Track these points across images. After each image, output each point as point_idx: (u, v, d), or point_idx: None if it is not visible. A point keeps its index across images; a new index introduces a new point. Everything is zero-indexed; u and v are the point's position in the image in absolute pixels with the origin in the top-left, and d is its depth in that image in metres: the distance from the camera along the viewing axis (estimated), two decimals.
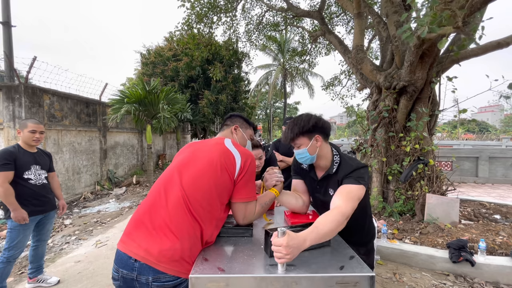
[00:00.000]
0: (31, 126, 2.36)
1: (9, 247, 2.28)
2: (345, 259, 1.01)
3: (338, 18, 8.36)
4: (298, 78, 23.15)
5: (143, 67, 12.56)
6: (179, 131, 12.82)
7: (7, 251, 2.28)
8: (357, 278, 0.88)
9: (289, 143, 1.38)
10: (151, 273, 1.00)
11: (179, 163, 1.20)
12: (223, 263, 0.97)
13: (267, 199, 1.33)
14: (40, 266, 2.64)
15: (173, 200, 1.08)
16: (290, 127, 1.34)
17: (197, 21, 6.74)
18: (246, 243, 1.17)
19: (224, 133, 1.45)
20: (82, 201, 6.39)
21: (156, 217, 1.06)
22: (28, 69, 5.50)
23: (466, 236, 3.10)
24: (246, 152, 1.24)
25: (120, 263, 1.06)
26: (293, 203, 1.50)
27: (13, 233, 2.29)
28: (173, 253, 1.01)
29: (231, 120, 1.49)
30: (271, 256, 1.00)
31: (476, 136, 30.58)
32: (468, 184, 7.87)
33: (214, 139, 1.30)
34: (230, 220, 1.32)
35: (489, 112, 62.23)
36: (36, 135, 2.38)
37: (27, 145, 2.39)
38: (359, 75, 5.01)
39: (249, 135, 1.51)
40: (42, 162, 2.49)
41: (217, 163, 1.14)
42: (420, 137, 3.87)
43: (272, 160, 2.44)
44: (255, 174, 1.25)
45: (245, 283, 0.89)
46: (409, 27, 2.44)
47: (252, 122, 1.57)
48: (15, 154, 2.28)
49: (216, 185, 1.11)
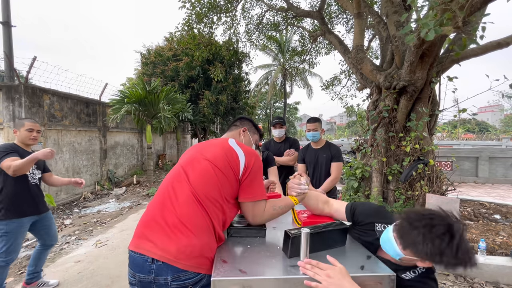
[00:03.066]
0: (28, 124, 2.33)
1: (6, 250, 2.19)
2: (363, 258, 1.01)
3: (338, 18, 8.36)
4: (298, 78, 23.15)
5: (143, 67, 12.55)
6: (179, 131, 12.82)
7: (4, 255, 2.19)
8: (379, 277, 0.89)
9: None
10: (169, 272, 0.98)
11: (185, 162, 1.20)
12: (243, 265, 0.95)
13: (282, 203, 1.25)
14: (39, 272, 2.57)
15: (184, 196, 1.08)
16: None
17: (197, 21, 6.74)
18: (261, 244, 1.15)
19: (232, 133, 1.44)
20: (82, 201, 6.39)
21: (169, 215, 1.05)
22: (28, 69, 5.50)
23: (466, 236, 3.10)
24: (250, 151, 1.22)
25: (136, 267, 1.03)
26: (315, 207, 1.43)
27: (9, 235, 2.20)
28: (192, 249, 1.00)
29: (241, 121, 1.49)
30: (291, 257, 1.00)
31: (476, 136, 30.59)
32: (468, 184, 7.87)
33: (219, 139, 1.30)
34: (240, 220, 1.30)
35: (489, 112, 62.22)
36: (34, 133, 2.34)
37: (23, 144, 2.35)
38: (359, 75, 5.01)
39: (255, 140, 1.51)
40: (38, 162, 2.42)
41: (221, 160, 1.14)
42: (420, 137, 3.87)
43: (269, 160, 2.44)
44: (261, 172, 1.23)
45: (268, 285, 0.88)
46: (410, 28, 2.43)
47: (260, 129, 1.57)
48: (16, 148, 2.26)
49: (222, 182, 1.11)
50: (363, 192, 4.37)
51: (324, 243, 1.08)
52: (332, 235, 1.10)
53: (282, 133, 3.03)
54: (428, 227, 0.84)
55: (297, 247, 0.97)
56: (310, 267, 0.88)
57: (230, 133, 1.45)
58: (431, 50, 3.57)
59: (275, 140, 3.11)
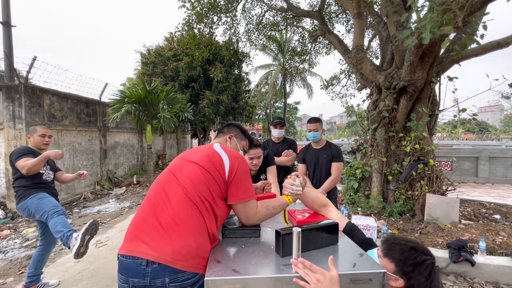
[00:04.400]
0: (41, 130, 2.57)
1: (50, 210, 2.28)
2: (355, 256, 1.03)
3: (338, 18, 8.36)
4: (298, 78, 23.15)
5: (143, 67, 12.55)
6: (179, 131, 12.82)
7: (50, 213, 2.28)
8: (370, 275, 0.91)
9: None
10: (167, 274, 0.97)
11: (173, 166, 1.23)
12: (237, 265, 0.97)
13: (276, 203, 1.28)
14: (39, 275, 2.55)
15: (176, 197, 1.08)
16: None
17: (198, 21, 6.74)
18: (255, 244, 1.17)
19: (218, 140, 1.48)
20: (82, 201, 6.39)
21: (162, 216, 1.05)
22: (28, 69, 5.50)
23: (466, 236, 3.10)
24: (234, 154, 1.24)
25: (128, 272, 1.00)
26: (311, 207, 1.50)
27: (38, 206, 2.31)
28: (188, 250, 1.00)
29: (228, 128, 1.52)
30: (283, 256, 1.01)
31: (476, 136, 30.60)
32: (468, 184, 7.88)
33: (204, 145, 1.34)
34: (232, 221, 1.31)
35: (489, 112, 62.22)
36: (46, 138, 2.59)
37: (37, 149, 2.56)
38: (359, 75, 5.01)
39: (242, 146, 1.53)
40: (51, 163, 2.66)
41: (206, 162, 1.17)
42: (420, 137, 3.87)
43: (269, 159, 2.45)
44: (248, 174, 1.24)
45: (261, 284, 0.90)
46: (410, 31, 2.43)
47: (249, 135, 1.58)
48: (32, 150, 2.48)
49: (210, 181, 1.13)
50: (363, 192, 4.37)
51: (317, 241, 1.10)
52: (324, 234, 1.13)
53: (282, 134, 3.04)
54: (413, 250, 1.01)
55: (289, 246, 0.98)
56: (302, 266, 0.90)
57: (217, 139, 1.48)
58: (431, 50, 3.57)
59: (273, 140, 3.12)
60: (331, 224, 1.15)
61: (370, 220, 3.00)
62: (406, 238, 1.08)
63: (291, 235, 0.97)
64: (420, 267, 0.96)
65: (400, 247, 1.02)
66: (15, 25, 6.00)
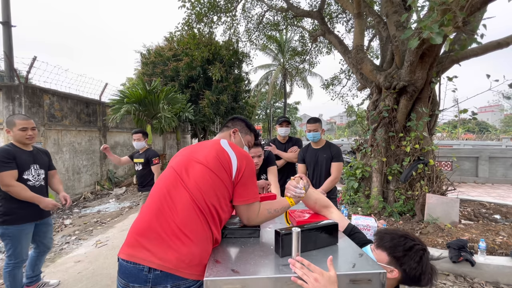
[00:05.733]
0: (20, 123, 2.13)
1: (12, 253, 2.13)
2: (355, 257, 1.03)
3: (338, 17, 8.35)
4: (298, 78, 23.15)
5: (143, 67, 12.55)
6: (179, 131, 12.82)
7: (12, 257, 2.14)
8: (369, 275, 0.90)
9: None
10: (169, 281, 0.96)
11: (177, 165, 1.17)
12: (236, 265, 0.96)
13: (278, 206, 1.24)
14: (38, 275, 2.52)
15: (182, 203, 1.04)
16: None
17: (197, 21, 6.74)
18: (255, 244, 1.16)
19: (223, 134, 1.42)
20: (82, 201, 6.39)
21: (167, 223, 1.02)
22: (28, 69, 5.50)
23: (466, 236, 3.10)
24: (242, 153, 1.20)
25: (129, 276, 0.98)
26: (312, 208, 1.47)
27: (12, 239, 2.13)
28: (192, 257, 0.98)
29: (232, 122, 1.46)
30: (283, 256, 1.01)
31: (476, 136, 30.59)
32: (468, 184, 7.87)
33: (210, 141, 1.27)
34: (234, 221, 1.31)
35: (489, 112, 62.19)
36: (28, 132, 2.17)
37: (21, 143, 2.20)
38: (359, 75, 5.01)
39: (247, 141, 1.47)
40: (41, 161, 2.33)
41: (213, 161, 1.12)
42: (420, 137, 3.87)
43: (270, 159, 2.45)
44: (254, 174, 1.22)
45: (261, 284, 0.89)
46: (412, 32, 2.43)
47: (254, 129, 1.51)
48: (13, 153, 2.10)
49: (216, 184, 1.09)
50: (363, 192, 4.37)
51: (316, 241, 1.10)
52: (324, 234, 1.12)
53: (287, 132, 3.07)
54: (403, 237, 1.06)
55: (289, 246, 0.98)
56: (300, 266, 0.90)
57: (222, 134, 1.42)
58: (431, 50, 3.57)
59: (279, 140, 3.13)
60: (330, 224, 1.15)
61: (370, 220, 2.99)
62: (397, 229, 1.13)
63: (290, 235, 0.97)
64: (410, 251, 1.01)
65: (391, 236, 1.07)
66: (15, 25, 6.00)
